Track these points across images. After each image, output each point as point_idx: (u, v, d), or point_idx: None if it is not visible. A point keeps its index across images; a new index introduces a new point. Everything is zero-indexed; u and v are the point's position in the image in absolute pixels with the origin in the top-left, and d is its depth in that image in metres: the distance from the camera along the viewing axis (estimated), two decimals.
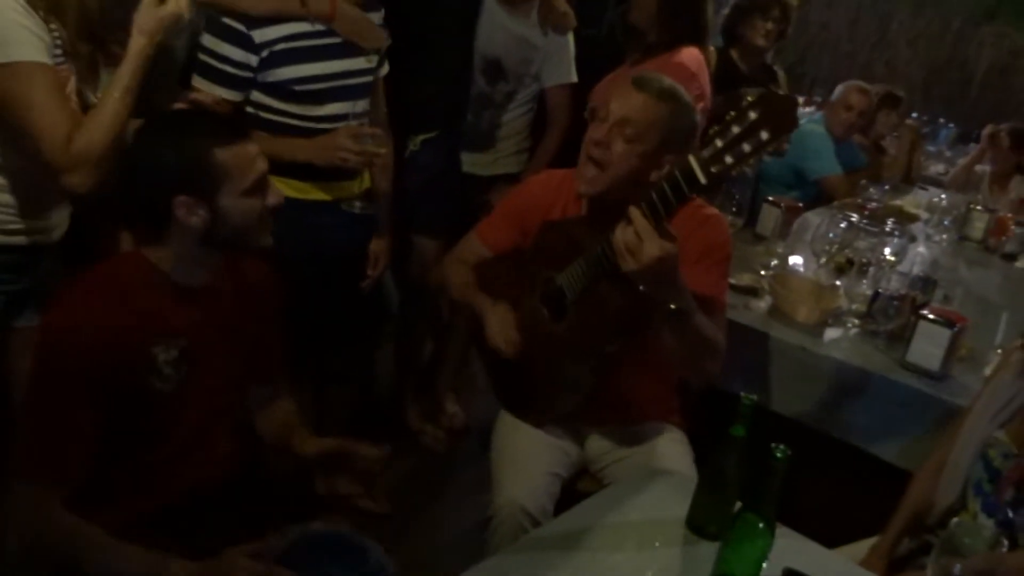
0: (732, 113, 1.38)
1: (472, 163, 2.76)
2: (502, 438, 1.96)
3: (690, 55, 2.54)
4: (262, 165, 1.53)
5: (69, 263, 1.81)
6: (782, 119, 1.36)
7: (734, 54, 3.18)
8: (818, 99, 5.56)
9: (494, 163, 2.80)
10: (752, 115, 1.36)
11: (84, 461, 1.43)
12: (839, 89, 3.95)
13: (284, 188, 1.83)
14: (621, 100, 1.73)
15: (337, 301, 2.24)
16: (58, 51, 1.59)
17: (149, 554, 1.37)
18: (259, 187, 1.52)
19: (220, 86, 1.93)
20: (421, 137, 2.58)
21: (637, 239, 1.45)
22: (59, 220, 1.77)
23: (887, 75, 8.56)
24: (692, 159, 1.41)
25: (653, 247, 1.44)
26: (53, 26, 1.58)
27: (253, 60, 1.92)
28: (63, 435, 1.42)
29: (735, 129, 1.37)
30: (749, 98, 1.36)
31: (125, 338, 1.44)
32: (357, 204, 2.12)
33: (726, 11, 3.24)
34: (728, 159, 1.38)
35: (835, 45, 8.07)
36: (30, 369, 1.48)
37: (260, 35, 1.91)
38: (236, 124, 1.57)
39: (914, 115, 6.23)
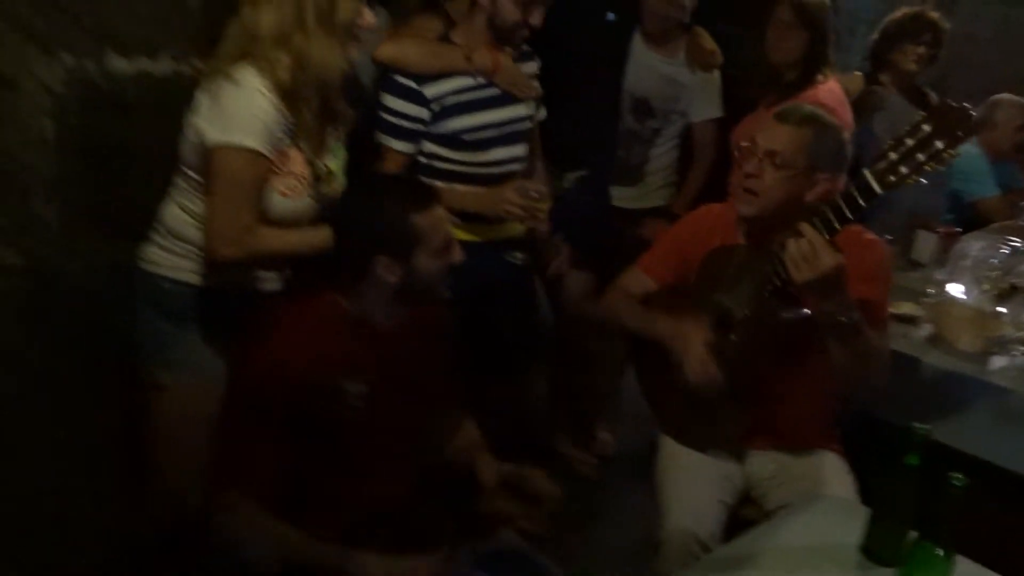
0: (906, 128, 1.47)
1: (621, 197, 2.86)
2: (667, 464, 2.03)
3: (827, 91, 2.59)
4: (448, 226, 1.68)
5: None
6: (957, 128, 1.44)
7: (883, 79, 3.10)
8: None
9: (643, 197, 2.89)
10: (926, 128, 1.45)
11: (275, 476, 1.59)
12: (989, 106, 3.80)
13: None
14: (765, 133, 1.85)
15: (496, 333, 2.37)
16: (283, 134, 1.74)
17: (343, 548, 1.54)
18: (447, 247, 1.67)
19: (397, 139, 2.11)
20: (573, 175, 2.71)
21: (812, 250, 1.54)
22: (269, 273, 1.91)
23: None
24: (867, 172, 1.51)
25: (827, 257, 1.54)
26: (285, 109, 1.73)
27: (425, 114, 2.09)
28: (258, 451, 1.58)
29: (909, 141, 1.47)
30: (922, 113, 1.44)
31: (319, 372, 1.61)
32: (518, 256, 2.27)
33: (875, 36, 3.16)
34: (903, 169, 1.48)
35: (983, 57, 7.72)
36: (230, 389, 1.67)
37: (430, 90, 2.08)
38: (428, 190, 1.71)
39: None
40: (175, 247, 1.83)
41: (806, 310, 1.78)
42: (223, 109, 1.68)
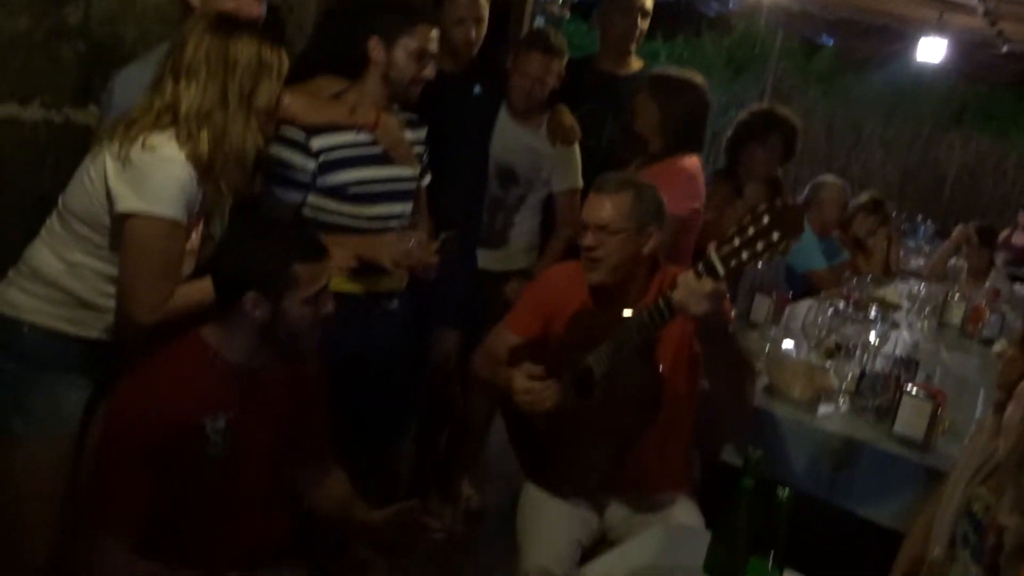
0: (748, 216, 1.61)
1: (487, 260, 2.99)
2: (528, 509, 2.12)
3: (690, 162, 2.80)
4: (326, 279, 1.73)
5: None
6: (791, 224, 1.59)
7: (740, 172, 3.27)
8: (800, 199, 5.89)
9: (507, 260, 3.03)
10: (765, 219, 1.59)
11: (143, 517, 1.61)
12: (815, 187, 4.16)
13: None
14: (591, 208, 2.04)
15: (369, 394, 2.38)
16: (197, 207, 1.78)
17: None
18: (318, 298, 1.71)
19: (283, 188, 2.15)
20: (441, 235, 2.82)
21: (699, 286, 1.67)
22: None
23: (864, 176, 9.04)
24: (713, 255, 1.64)
25: (711, 286, 1.66)
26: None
27: (311, 165, 2.15)
28: (126, 493, 1.61)
29: (750, 230, 1.60)
30: (763, 204, 1.60)
31: (178, 412, 1.64)
32: (394, 302, 2.34)
33: (728, 133, 3.36)
34: (744, 255, 1.61)
35: (813, 149, 8.56)
36: (99, 437, 1.69)
37: (316, 143, 2.15)
38: (318, 245, 1.75)
39: (893, 213, 6.55)
40: (40, 291, 1.79)
41: (660, 367, 1.95)
42: (145, 177, 1.69)
